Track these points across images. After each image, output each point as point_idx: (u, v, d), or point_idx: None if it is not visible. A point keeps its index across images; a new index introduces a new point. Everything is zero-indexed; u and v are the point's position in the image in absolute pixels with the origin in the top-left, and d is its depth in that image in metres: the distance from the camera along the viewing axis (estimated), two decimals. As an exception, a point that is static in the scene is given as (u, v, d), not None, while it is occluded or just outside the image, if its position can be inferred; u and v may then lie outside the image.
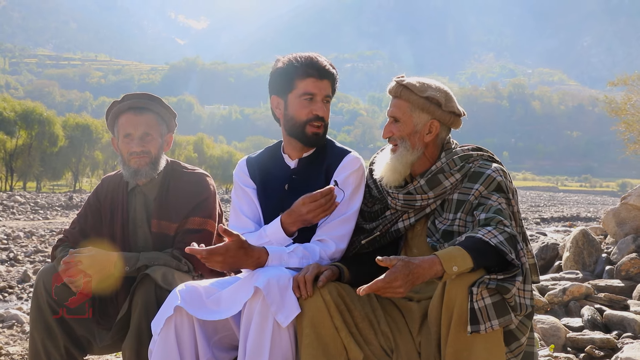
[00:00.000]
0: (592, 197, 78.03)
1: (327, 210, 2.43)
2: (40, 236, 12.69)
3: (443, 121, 2.46)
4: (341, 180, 2.55)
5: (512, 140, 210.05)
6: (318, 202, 2.40)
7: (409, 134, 2.44)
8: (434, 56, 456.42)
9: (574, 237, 5.30)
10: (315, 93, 2.53)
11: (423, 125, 2.44)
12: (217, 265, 2.26)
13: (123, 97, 2.95)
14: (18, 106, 48.19)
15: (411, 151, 2.44)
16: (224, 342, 2.44)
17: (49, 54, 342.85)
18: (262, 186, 2.67)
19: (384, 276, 2.00)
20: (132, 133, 2.88)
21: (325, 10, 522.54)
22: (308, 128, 2.55)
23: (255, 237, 2.50)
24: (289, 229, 2.47)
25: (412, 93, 2.42)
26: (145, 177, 2.90)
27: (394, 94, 2.48)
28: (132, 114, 2.90)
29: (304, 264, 2.39)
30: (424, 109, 2.43)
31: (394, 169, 2.45)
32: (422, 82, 2.46)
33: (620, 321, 3.80)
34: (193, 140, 65.45)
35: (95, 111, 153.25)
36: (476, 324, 2.01)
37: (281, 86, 2.57)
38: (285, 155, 2.69)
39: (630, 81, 24.77)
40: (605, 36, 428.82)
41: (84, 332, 2.85)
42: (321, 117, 2.55)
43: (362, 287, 2.01)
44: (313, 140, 2.58)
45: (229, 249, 2.26)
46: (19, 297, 6.94)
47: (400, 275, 1.99)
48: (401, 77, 2.50)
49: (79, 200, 27.14)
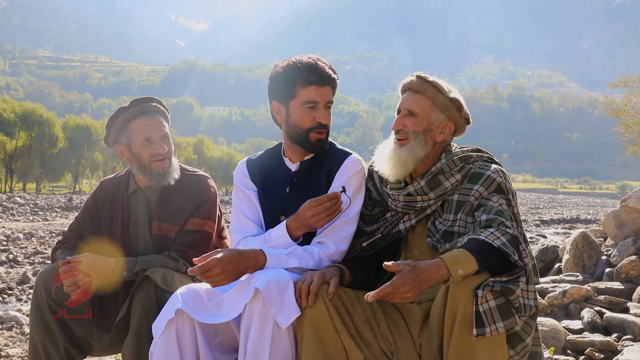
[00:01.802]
0: (592, 199, 78.06)
1: (331, 214, 2.42)
2: (39, 237, 12.70)
3: (457, 125, 2.49)
4: (342, 181, 2.54)
5: (512, 142, 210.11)
6: (323, 206, 2.39)
7: (424, 130, 2.44)
8: (434, 58, 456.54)
9: (574, 240, 5.30)
10: (317, 101, 2.50)
11: (438, 124, 2.45)
12: (220, 278, 2.23)
13: (130, 103, 2.94)
14: (18, 107, 48.21)
15: (423, 146, 2.44)
16: (224, 344, 2.44)
17: (49, 55, 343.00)
18: (262, 188, 2.66)
19: (391, 282, 2.00)
20: (153, 136, 2.89)
21: (325, 12, 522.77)
22: (311, 135, 2.53)
23: (259, 242, 2.50)
24: (295, 233, 2.45)
25: (437, 92, 2.43)
26: (171, 178, 2.92)
27: (416, 88, 2.46)
28: (148, 117, 2.90)
29: (303, 264, 2.39)
30: (444, 110, 2.45)
31: (403, 161, 2.44)
32: (445, 83, 2.49)
33: (620, 324, 3.79)
34: (193, 141, 65.55)
35: (95, 112, 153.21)
36: (482, 327, 2.01)
37: (282, 93, 2.54)
38: (286, 159, 2.68)
39: (630, 83, 24.81)
40: (605, 38, 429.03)
41: (83, 334, 2.85)
42: (324, 125, 2.55)
43: (370, 294, 2.00)
44: (317, 147, 2.57)
45: (222, 259, 2.23)
46: (19, 299, 6.93)
47: (407, 280, 1.99)
48: (420, 73, 2.52)
49: (79, 201, 27.12)
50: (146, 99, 2.96)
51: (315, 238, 2.51)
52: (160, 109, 2.97)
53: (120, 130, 2.92)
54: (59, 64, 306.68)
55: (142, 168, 2.91)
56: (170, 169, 2.93)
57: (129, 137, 2.90)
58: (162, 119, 2.96)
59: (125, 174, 3.10)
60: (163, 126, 2.94)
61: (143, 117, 2.90)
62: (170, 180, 2.91)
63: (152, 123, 2.90)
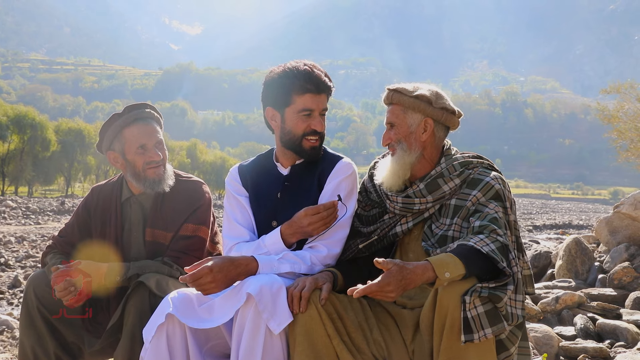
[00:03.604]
0: (584, 205, 78.36)
1: (327, 223, 2.43)
2: (31, 241, 12.63)
3: (436, 118, 2.47)
4: (334, 185, 2.55)
5: (505, 148, 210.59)
6: (320, 215, 2.40)
7: (405, 136, 2.47)
8: (427, 63, 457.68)
9: (567, 246, 5.30)
10: (313, 109, 2.51)
11: (417, 125, 2.46)
12: (211, 286, 2.22)
13: (124, 110, 2.92)
14: (10, 111, 48.10)
15: (408, 152, 2.46)
16: (216, 349, 2.42)
17: (42, 59, 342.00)
18: (254, 193, 2.65)
19: (377, 280, 2.01)
20: (147, 143, 2.87)
21: (319, 17, 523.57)
22: (305, 142, 2.54)
23: (253, 248, 2.50)
24: (289, 239, 2.46)
25: (402, 95, 2.46)
26: (166, 185, 2.91)
27: (388, 101, 2.51)
28: (142, 124, 2.88)
29: (295, 269, 2.39)
30: (415, 109, 2.45)
31: (394, 172, 2.46)
32: (414, 85, 2.50)
33: (613, 330, 3.79)
34: (186, 145, 65.52)
35: (88, 116, 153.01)
36: (470, 333, 2.00)
37: (277, 99, 2.54)
38: (278, 164, 2.68)
39: (622, 89, 24.91)
40: (597, 45, 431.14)
41: (74, 339, 2.84)
42: (319, 132, 2.55)
43: (356, 290, 2.01)
44: (310, 154, 2.57)
45: (213, 267, 2.22)
46: (10, 303, 6.87)
47: (393, 280, 1.99)
48: (390, 85, 2.54)
49: (71, 205, 27.02)
50: (140, 105, 2.93)
51: (307, 243, 2.51)
52: (154, 115, 2.95)
53: (114, 137, 2.89)
54: (52, 67, 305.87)
55: (137, 175, 2.89)
56: (165, 175, 2.91)
57: (122, 145, 2.88)
58: (156, 125, 2.94)
59: (118, 180, 3.07)
60: (157, 132, 2.92)
61: (137, 124, 2.87)
62: (165, 186, 2.90)
63: (146, 130, 2.88)
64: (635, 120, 24.26)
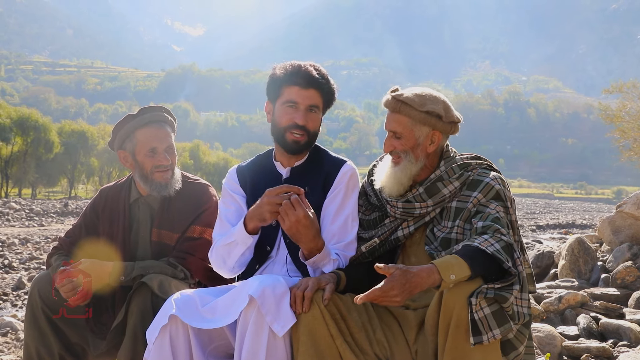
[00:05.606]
0: (588, 205, 78.09)
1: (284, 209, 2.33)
2: (35, 243, 12.64)
3: (444, 131, 2.46)
4: (342, 187, 2.60)
5: (508, 148, 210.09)
6: (279, 197, 2.35)
7: (412, 147, 2.44)
8: (430, 63, 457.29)
9: (570, 245, 5.30)
10: (298, 102, 2.53)
11: (425, 138, 2.44)
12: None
13: (139, 110, 2.95)
14: (14, 113, 48.13)
15: (415, 163, 2.45)
16: (219, 350, 2.43)
17: (45, 61, 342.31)
18: (253, 194, 2.66)
19: (381, 285, 1.99)
20: (158, 147, 2.90)
21: (321, 18, 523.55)
22: (288, 135, 2.56)
23: (225, 237, 2.55)
24: (248, 224, 2.45)
25: (411, 108, 2.40)
26: (172, 189, 2.93)
27: (392, 109, 2.46)
28: (155, 127, 2.91)
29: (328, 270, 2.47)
30: (425, 123, 2.42)
31: (398, 180, 2.45)
32: (419, 94, 2.43)
33: (616, 329, 3.80)
34: (189, 146, 65.44)
35: (91, 118, 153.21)
36: (478, 334, 2.00)
37: (271, 92, 2.61)
38: (277, 163, 2.70)
39: (625, 88, 24.92)
40: (600, 44, 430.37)
41: (78, 340, 2.85)
42: (301, 126, 2.54)
43: (359, 296, 2.00)
44: (292, 148, 2.59)
45: None
46: (14, 305, 6.88)
47: (397, 284, 1.98)
48: (395, 89, 2.48)
49: (75, 207, 27.03)
50: (155, 108, 2.97)
51: (331, 245, 2.55)
52: (168, 119, 2.99)
53: (126, 137, 2.93)
54: (55, 69, 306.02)
55: (144, 177, 2.92)
56: (172, 180, 2.94)
57: (134, 145, 2.91)
58: (169, 129, 2.97)
59: (126, 181, 3.10)
60: (169, 137, 2.95)
61: (150, 127, 2.90)
62: (171, 191, 2.93)
63: (158, 133, 2.91)
64: (638, 119, 24.26)
